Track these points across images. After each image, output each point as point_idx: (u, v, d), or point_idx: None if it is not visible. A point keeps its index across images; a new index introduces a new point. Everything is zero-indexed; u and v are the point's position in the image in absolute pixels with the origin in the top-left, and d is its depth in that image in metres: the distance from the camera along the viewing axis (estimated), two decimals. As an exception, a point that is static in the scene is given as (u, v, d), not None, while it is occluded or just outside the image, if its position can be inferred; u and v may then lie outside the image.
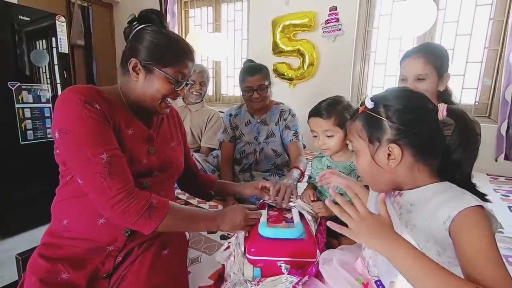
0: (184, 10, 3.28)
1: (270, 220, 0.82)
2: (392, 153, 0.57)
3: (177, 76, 0.76)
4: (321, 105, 1.01)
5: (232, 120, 1.59)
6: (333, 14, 2.35)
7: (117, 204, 0.65)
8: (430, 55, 1.06)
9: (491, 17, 1.98)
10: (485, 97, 2.06)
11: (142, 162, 0.76)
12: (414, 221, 0.56)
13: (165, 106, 0.80)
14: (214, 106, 3.05)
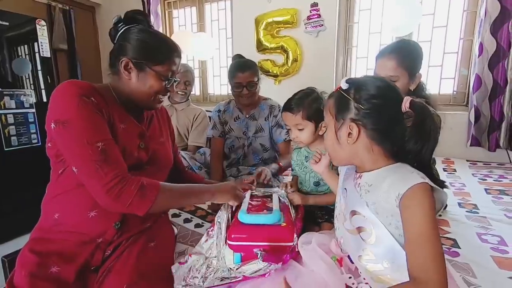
0: (168, 10, 3.27)
1: (252, 209, 0.85)
2: (351, 131, 0.63)
3: (167, 73, 0.80)
4: (291, 100, 1.03)
5: (221, 116, 1.60)
6: (314, 10, 2.39)
7: (112, 188, 0.67)
8: (402, 57, 1.09)
9: (465, 9, 2.05)
10: (463, 86, 2.13)
11: (133, 156, 0.79)
12: (373, 199, 0.61)
13: (157, 101, 0.84)
14: (202, 105, 3.04)
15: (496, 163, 1.92)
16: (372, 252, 0.60)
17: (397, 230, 0.58)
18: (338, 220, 0.72)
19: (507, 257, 0.89)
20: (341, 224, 0.69)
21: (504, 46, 1.81)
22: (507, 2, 1.77)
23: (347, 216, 0.66)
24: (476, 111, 1.94)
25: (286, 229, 0.74)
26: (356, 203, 0.64)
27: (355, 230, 0.63)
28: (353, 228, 0.64)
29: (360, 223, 0.62)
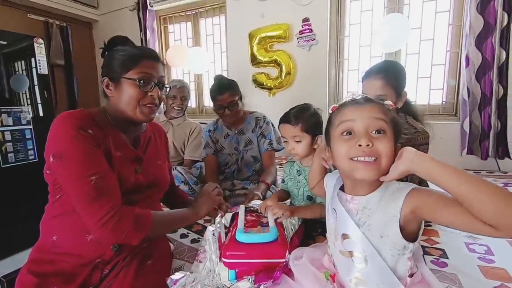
0: (163, 26, 3.34)
1: (246, 225, 0.87)
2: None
3: (141, 77, 0.79)
4: (289, 112, 1.07)
5: (212, 135, 1.64)
6: (306, 25, 2.47)
7: (107, 223, 0.68)
8: (389, 77, 1.14)
9: (450, 23, 2.13)
10: (451, 97, 2.20)
11: (130, 181, 0.81)
12: (370, 222, 0.62)
13: (147, 111, 0.83)
14: (197, 117, 3.11)
15: (486, 171, 1.97)
16: (363, 276, 0.62)
17: (390, 251, 0.60)
18: (330, 239, 0.72)
19: (493, 267, 0.92)
20: (332, 244, 0.70)
21: (489, 59, 1.88)
22: (490, 17, 1.85)
23: (338, 237, 0.66)
24: (467, 120, 1.99)
25: (279, 245, 0.76)
26: (348, 227, 0.63)
27: (347, 253, 0.64)
28: (345, 250, 0.64)
29: (352, 247, 0.63)
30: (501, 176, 1.85)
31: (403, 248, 0.60)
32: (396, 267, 0.61)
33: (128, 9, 3.25)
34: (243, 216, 0.93)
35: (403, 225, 0.59)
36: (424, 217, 0.58)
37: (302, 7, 2.46)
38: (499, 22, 1.82)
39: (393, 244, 0.60)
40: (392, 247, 0.60)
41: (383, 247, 0.60)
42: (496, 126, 1.92)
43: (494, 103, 1.89)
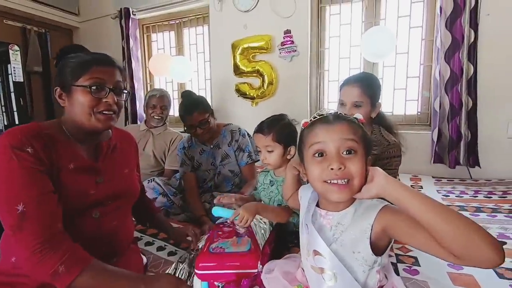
0: (146, 34, 3.33)
1: (222, 236, 0.87)
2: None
3: (92, 82, 0.76)
4: (263, 122, 1.09)
5: (187, 152, 1.60)
6: (287, 37, 2.52)
7: (32, 256, 0.63)
8: (366, 86, 1.20)
9: (423, 38, 2.24)
10: (425, 108, 2.29)
11: (90, 194, 0.77)
12: (343, 237, 0.63)
13: (103, 118, 0.79)
14: (180, 127, 3.07)
15: (458, 179, 2.05)
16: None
17: (361, 266, 0.61)
18: (303, 253, 0.72)
19: (461, 273, 0.95)
20: (305, 258, 0.70)
21: (457, 73, 1.98)
22: (457, 33, 1.96)
23: (310, 252, 0.67)
24: (438, 130, 2.08)
25: (251, 256, 0.76)
26: (319, 244, 0.64)
27: (318, 269, 0.64)
28: (316, 266, 0.65)
29: (322, 264, 0.63)
30: (472, 184, 1.93)
31: (373, 263, 0.62)
32: (366, 281, 0.62)
33: (110, 17, 3.22)
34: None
35: (374, 241, 0.61)
36: (393, 237, 0.60)
37: (284, 19, 2.52)
38: (466, 38, 1.93)
39: (364, 260, 0.61)
40: (363, 263, 0.61)
41: (355, 263, 0.61)
42: (466, 136, 2.01)
43: (464, 114, 1.99)
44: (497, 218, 1.39)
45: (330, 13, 2.50)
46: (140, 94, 3.22)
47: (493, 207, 1.52)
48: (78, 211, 0.77)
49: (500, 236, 1.21)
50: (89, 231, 0.79)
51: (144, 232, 1.30)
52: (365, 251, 0.60)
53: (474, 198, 1.68)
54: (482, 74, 1.99)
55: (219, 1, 2.73)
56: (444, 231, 0.48)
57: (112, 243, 0.85)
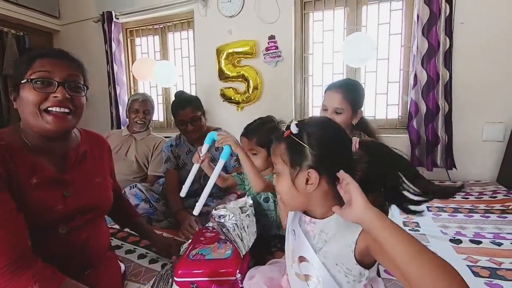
0: (130, 38, 3.29)
1: (203, 242, 0.86)
2: (310, 178, 0.60)
3: (37, 76, 0.70)
4: (249, 126, 1.10)
5: (174, 150, 1.60)
6: (272, 42, 2.55)
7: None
8: (349, 92, 1.21)
9: (402, 44, 2.32)
10: (406, 112, 2.36)
11: (57, 209, 0.72)
12: (326, 248, 0.61)
13: (52, 118, 0.71)
14: (165, 131, 3.04)
15: (438, 181, 2.11)
16: None
17: (346, 277, 0.59)
18: (287, 261, 0.71)
19: (439, 273, 0.97)
20: (289, 265, 0.69)
21: (433, 78, 2.05)
22: (433, 40, 2.03)
23: (295, 259, 0.66)
24: (416, 134, 2.14)
25: (230, 263, 0.76)
26: (305, 250, 0.62)
27: (303, 276, 0.63)
28: (300, 273, 0.64)
29: (308, 271, 0.62)
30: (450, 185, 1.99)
31: (359, 275, 0.60)
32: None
33: (92, 21, 3.16)
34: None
35: (359, 257, 0.59)
36: (374, 257, 0.57)
37: (268, 25, 2.54)
38: (442, 45, 2.01)
39: (348, 270, 0.59)
40: (347, 273, 0.59)
41: (338, 274, 0.60)
42: (443, 139, 2.08)
43: (440, 118, 2.06)
44: (473, 218, 1.44)
45: (314, 20, 2.55)
46: (123, 99, 3.16)
47: (470, 207, 1.58)
48: (43, 228, 0.72)
49: (476, 235, 1.25)
50: (56, 247, 0.74)
51: (125, 240, 1.26)
52: (350, 263, 0.59)
53: (452, 199, 1.73)
54: (457, 79, 2.07)
55: (204, 6, 2.73)
56: (412, 270, 0.47)
57: (83, 256, 0.80)
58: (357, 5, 2.38)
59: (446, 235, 1.26)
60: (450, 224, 1.39)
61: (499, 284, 0.91)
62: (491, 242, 1.19)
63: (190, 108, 1.45)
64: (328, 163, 0.60)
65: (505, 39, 1.96)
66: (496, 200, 1.64)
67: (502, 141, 2.03)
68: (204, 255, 0.78)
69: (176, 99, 1.55)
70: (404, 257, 0.48)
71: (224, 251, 0.79)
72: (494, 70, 2.01)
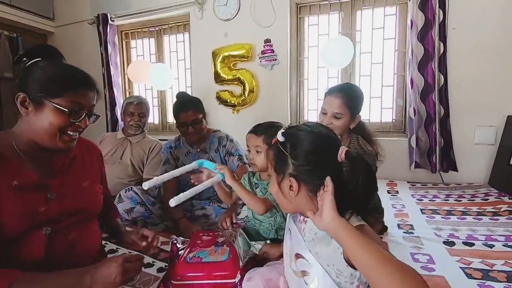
0: (125, 41, 3.28)
1: (200, 245, 0.86)
2: (292, 185, 0.63)
3: (71, 106, 0.73)
4: (259, 125, 1.12)
5: (173, 152, 1.62)
6: (268, 46, 2.57)
7: None
8: (348, 98, 1.23)
9: (396, 49, 2.35)
10: (400, 115, 2.39)
11: (39, 210, 0.72)
12: (316, 249, 0.63)
13: (68, 139, 0.76)
14: (160, 134, 3.04)
15: (431, 184, 2.14)
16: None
17: (337, 278, 0.60)
18: (285, 261, 0.72)
19: (433, 275, 0.99)
20: (287, 264, 0.70)
21: (430, 82, 2.09)
22: (429, 46, 2.07)
23: (292, 257, 0.67)
24: (415, 137, 2.16)
25: (229, 266, 0.76)
26: (301, 247, 0.65)
27: (300, 273, 0.65)
28: (297, 270, 0.65)
29: (304, 267, 0.64)
30: (444, 188, 2.02)
31: (350, 276, 0.60)
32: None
33: (87, 23, 3.15)
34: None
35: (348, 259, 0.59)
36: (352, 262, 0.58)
37: (264, 29, 2.56)
38: (437, 50, 2.04)
39: (339, 271, 0.60)
40: (338, 274, 0.60)
41: (331, 274, 0.61)
42: (440, 143, 2.11)
43: (437, 122, 2.09)
44: (466, 221, 1.46)
45: (309, 24, 2.58)
46: (119, 102, 3.14)
47: (463, 210, 1.60)
48: (25, 230, 0.71)
49: (469, 237, 1.27)
50: (40, 249, 0.73)
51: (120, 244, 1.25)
52: (340, 265, 0.60)
53: (445, 201, 1.76)
54: (451, 84, 2.11)
55: (200, 9, 2.74)
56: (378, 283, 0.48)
57: (71, 259, 0.79)
58: (351, 10, 2.41)
59: (440, 237, 1.28)
60: (444, 226, 1.41)
61: (492, 286, 0.93)
62: (484, 244, 1.21)
63: (192, 111, 1.46)
64: (307, 173, 0.62)
65: (495, 45, 2.00)
66: (488, 203, 1.66)
67: (494, 144, 2.07)
68: (201, 258, 0.78)
69: (178, 100, 1.55)
70: (370, 266, 0.49)
71: (221, 254, 0.79)
72: (486, 75, 2.05)
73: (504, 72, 2.01)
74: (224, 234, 0.99)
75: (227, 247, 0.84)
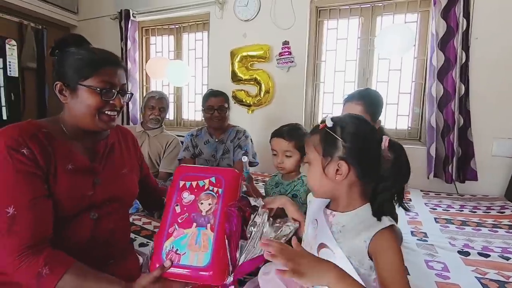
0: (145, 37, 3.34)
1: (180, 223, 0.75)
2: (340, 168, 0.66)
3: (102, 85, 0.75)
4: (283, 128, 1.14)
5: (193, 139, 1.78)
6: (285, 48, 2.59)
7: (13, 262, 0.63)
8: (368, 104, 1.25)
9: (415, 56, 2.34)
10: (416, 123, 2.37)
11: (87, 195, 0.76)
12: (341, 240, 0.65)
13: (107, 119, 0.78)
14: (175, 130, 3.08)
15: (445, 194, 2.12)
16: None
17: (358, 269, 0.62)
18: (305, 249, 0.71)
19: (448, 283, 0.99)
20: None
21: (450, 91, 2.07)
22: (450, 54, 2.05)
23: (314, 247, 0.69)
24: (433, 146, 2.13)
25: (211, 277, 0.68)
26: (327, 238, 0.67)
27: None
28: None
29: (328, 257, 0.64)
30: (458, 198, 2.00)
31: (370, 269, 0.63)
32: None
33: (110, 18, 3.23)
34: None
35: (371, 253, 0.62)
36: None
37: (283, 31, 2.58)
38: (459, 59, 2.02)
39: (361, 263, 0.63)
40: (359, 266, 0.63)
41: (353, 265, 0.62)
42: (458, 153, 2.09)
43: (456, 132, 2.07)
44: (481, 232, 1.45)
45: (328, 28, 2.59)
46: (135, 97, 3.21)
47: (478, 221, 1.58)
48: (75, 212, 0.75)
49: (484, 248, 1.26)
50: (86, 233, 0.77)
51: (138, 234, 1.29)
52: (362, 256, 0.62)
53: (460, 212, 1.74)
54: (471, 94, 2.08)
55: (220, 9, 2.78)
56: None
57: (109, 245, 0.83)
58: (371, 15, 2.41)
59: (454, 247, 1.28)
60: (458, 236, 1.40)
61: (508, 298, 0.93)
62: (500, 256, 1.20)
63: (221, 98, 1.68)
64: (357, 156, 0.65)
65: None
66: (504, 216, 1.64)
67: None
68: (180, 254, 0.69)
69: (210, 90, 1.80)
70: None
71: (203, 249, 0.68)
72: (508, 86, 2.02)
73: (526, 84, 1.98)
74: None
75: (211, 231, 0.70)
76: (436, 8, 2.07)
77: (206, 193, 0.74)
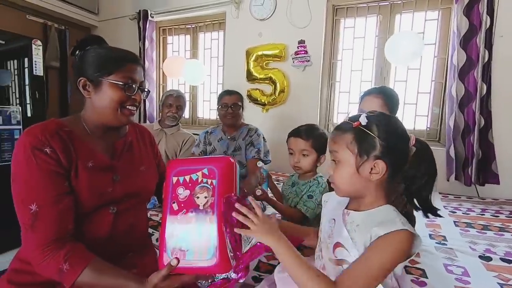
0: (162, 37, 3.40)
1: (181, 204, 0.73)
2: (375, 168, 0.64)
3: (125, 80, 0.79)
4: (301, 128, 1.15)
5: (207, 137, 1.84)
6: (301, 47, 2.57)
7: (37, 256, 0.67)
8: (387, 98, 1.26)
9: (435, 55, 2.27)
10: (435, 124, 2.31)
11: (107, 191, 0.79)
12: (356, 238, 0.65)
13: (128, 113, 0.82)
14: (190, 128, 3.13)
15: (466, 197, 2.05)
16: None
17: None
18: (322, 248, 0.74)
19: (468, 287, 0.96)
20: (324, 253, 0.72)
21: (471, 91, 2.00)
22: (472, 53, 1.99)
23: (330, 246, 0.69)
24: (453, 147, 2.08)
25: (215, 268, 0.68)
26: (343, 237, 0.67)
27: (336, 261, 0.67)
28: (335, 259, 0.67)
29: (343, 256, 0.65)
30: (479, 202, 1.93)
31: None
32: None
33: (129, 18, 3.31)
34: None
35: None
36: None
37: (299, 30, 2.57)
38: (481, 57, 1.96)
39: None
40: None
41: None
42: (478, 154, 2.02)
43: (476, 133, 2.00)
44: (504, 237, 1.40)
45: (345, 26, 2.56)
46: (152, 95, 3.27)
47: (500, 226, 1.53)
48: (95, 208, 0.78)
49: (507, 254, 1.22)
50: (106, 227, 0.80)
51: (156, 228, 1.32)
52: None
53: (481, 216, 1.68)
54: (494, 93, 2.01)
55: (236, 8, 2.79)
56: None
57: (128, 239, 0.86)
58: (390, 13, 2.36)
59: (475, 251, 1.24)
60: (479, 240, 1.35)
61: (533, 305, 0.89)
62: (524, 262, 1.15)
63: (236, 96, 1.76)
64: (394, 154, 0.64)
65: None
66: (529, 221, 1.58)
67: (537, 160, 1.95)
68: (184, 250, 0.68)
69: (225, 89, 1.88)
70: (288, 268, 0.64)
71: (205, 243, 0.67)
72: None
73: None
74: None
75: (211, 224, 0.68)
76: (458, 5, 2.00)
77: (200, 186, 0.72)
